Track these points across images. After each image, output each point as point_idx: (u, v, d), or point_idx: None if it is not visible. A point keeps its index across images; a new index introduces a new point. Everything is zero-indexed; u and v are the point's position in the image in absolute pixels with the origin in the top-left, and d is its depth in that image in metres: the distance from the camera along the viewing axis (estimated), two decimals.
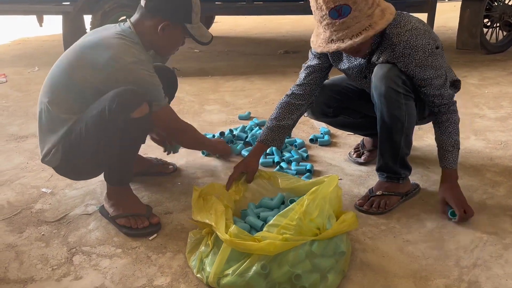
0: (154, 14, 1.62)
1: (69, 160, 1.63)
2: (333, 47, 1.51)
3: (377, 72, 1.66)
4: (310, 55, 1.87)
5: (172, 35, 1.67)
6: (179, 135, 1.85)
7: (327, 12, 1.46)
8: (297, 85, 1.88)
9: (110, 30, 1.66)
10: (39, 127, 1.67)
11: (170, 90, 2.07)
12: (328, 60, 1.85)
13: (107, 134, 1.54)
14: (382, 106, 1.67)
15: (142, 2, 1.65)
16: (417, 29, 1.58)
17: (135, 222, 1.65)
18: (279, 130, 1.83)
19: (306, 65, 1.88)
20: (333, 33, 1.50)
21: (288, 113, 1.85)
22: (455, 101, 1.73)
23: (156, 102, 1.63)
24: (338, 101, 2.00)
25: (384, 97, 1.64)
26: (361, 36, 1.47)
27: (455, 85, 1.90)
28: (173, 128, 1.79)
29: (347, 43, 1.48)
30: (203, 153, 2.30)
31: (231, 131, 2.52)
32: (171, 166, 2.14)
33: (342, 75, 2.02)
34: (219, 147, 2.17)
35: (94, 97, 1.56)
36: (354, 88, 2.00)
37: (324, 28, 1.52)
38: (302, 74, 1.88)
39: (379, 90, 1.65)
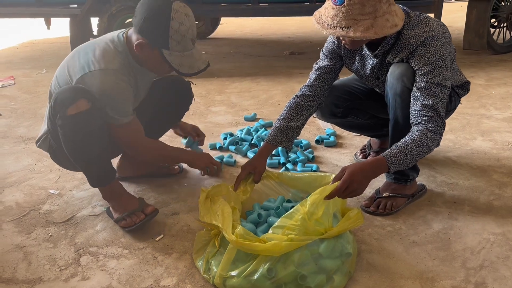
0: (136, 30, 1.59)
1: (54, 150, 1.73)
2: (318, 23, 1.56)
3: (394, 71, 1.64)
4: (322, 55, 1.87)
5: (150, 55, 1.60)
6: (139, 154, 1.77)
7: None
8: (307, 86, 1.87)
9: (107, 35, 1.70)
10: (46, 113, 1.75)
11: (184, 102, 2.07)
12: (339, 61, 1.85)
13: (55, 132, 1.60)
14: (396, 106, 1.65)
15: None
16: (434, 31, 1.58)
17: (131, 220, 1.68)
18: (287, 130, 1.82)
19: (317, 65, 1.87)
20: (325, 10, 1.53)
21: (297, 114, 1.84)
22: (438, 120, 1.54)
23: (116, 116, 1.60)
24: (347, 102, 2.00)
25: (399, 97, 1.62)
26: (334, 30, 1.50)
27: (464, 87, 1.88)
28: (131, 147, 1.73)
29: (324, 27, 1.53)
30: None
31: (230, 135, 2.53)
32: (177, 167, 2.15)
33: (352, 75, 2.02)
34: (197, 163, 1.89)
35: None
36: (364, 88, 2.00)
37: (326, 1, 1.55)
38: (312, 75, 1.87)
39: (394, 89, 1.63)
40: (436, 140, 1.55)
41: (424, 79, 1.56)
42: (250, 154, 2.28)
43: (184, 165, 2.20)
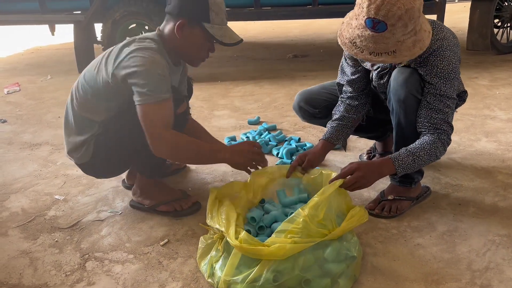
0: (172, 16, 1.63)
1: (101, 156, 1.70)
2: (352, 50, 1.47)
3: (397, 77, 1.63)
4: (343, 62, 1.88)
5: (191, 35, 1.62)
6: (163, 145, 1.54)
7: (365, 17, 1.38)
8: (349, 97, 1.89)
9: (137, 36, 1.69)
10: (65, 125, 1.75)
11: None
12: (361, 65, 1.84)
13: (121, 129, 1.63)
14: (400, 111, 1.64)
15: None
16: (447, 40, 1.56)
17: (179, 205, 1.79)
18: (343, 129, 1.88)
19: (347, 79, 1.87)
20: (359, 37, 1.43)
21: (349, 114, 1.89)
22: (450, 133, 1.61)
23: (150, 91, 1.49)
24: (325, 102, 2.03)
25: (403, 102, 1.62)
26: (381, 57, 1.44)
27: (461, 96, 1.85)
28: (149, 133, 1.54)
29: (365, 55, 1.45)
30: None
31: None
32: None
33: (333, 81, 2.04)
34: (239, 161, 1.65)
35: (114, 94, 1.62)
36: None
37: (356, 26, 1.44)
38: (347, 87, 1.88)
39: (398, 95, 1.62)
40: (444, 151, 1.62)
41: (436, 91, 1.57)
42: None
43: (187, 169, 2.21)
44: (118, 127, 1.65)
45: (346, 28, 1.50)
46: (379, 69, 1.77)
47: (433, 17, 3.78)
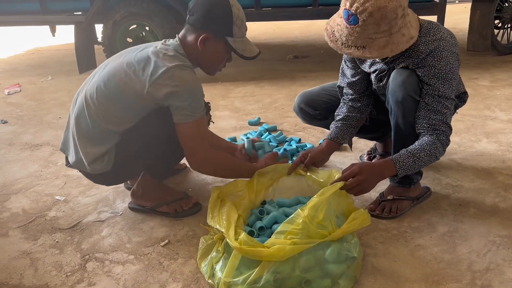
0: (195, 28, 1.62)
1: (122, 164, 1.68)
2: (330, 38, 1.55)
3: (395, 78, 1.63)
4: (343, 64, 1.89)
5: (214, 48, 1.64)
6: (196, 161, 1.66)
7: (343, 7, 1.46)
8: (351, 99, 1.89)
9: (157, 44, 1.66)
10: (79, 134, 1.66)
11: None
12: (360, 67, 1.85)
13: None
14: (398, 113, 1.65)
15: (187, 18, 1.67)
16: (445, 40, 1.57)
17: (180, 206, 1.80)
18: (347, 129, 1.88)
19: (346, 81, 1.88)
20: (337, 26, 1.51)
21: (353, 114, 1.89)
22: (448, 134, 1.61)
23: (192, 111, 1.57)
24: (325, 104, 2.03)
25: (401, 104, 1.62)
26: (350, 49, 1.49)
27: (461, 97, 1.85)
28: (188, 147, 1.63)
29: (338, 45, 1.53)
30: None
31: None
32: (182, 162, 2.20)
33: (332, 82, 2.06)
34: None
35: (143, 107, 1.61)
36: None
37: (338, 15, 1.53)
38: (348, 90, 1.89)
39: (396, 96, 1.62)
40: (443, 151, 1.62)
41: (434, 92, 1.57)
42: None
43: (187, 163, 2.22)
44: (140, 134, 1.64)
45: (335, 16, 1.57)
46: (377, 71, 1.77)
47: (434, 18, 3.79)
